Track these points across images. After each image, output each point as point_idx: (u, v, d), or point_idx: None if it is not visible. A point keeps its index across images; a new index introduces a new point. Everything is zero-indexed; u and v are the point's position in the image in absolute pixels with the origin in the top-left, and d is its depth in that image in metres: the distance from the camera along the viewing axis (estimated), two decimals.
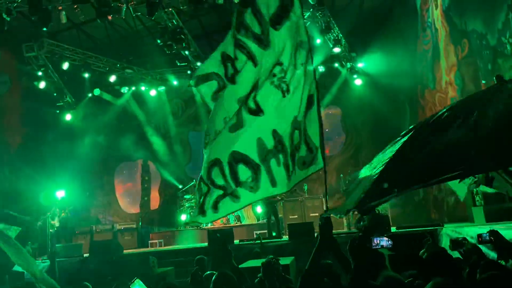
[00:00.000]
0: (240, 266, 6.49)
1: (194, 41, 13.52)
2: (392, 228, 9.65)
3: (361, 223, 9.25)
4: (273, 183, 4.24)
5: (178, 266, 7.91)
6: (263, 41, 4.25)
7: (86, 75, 13.80)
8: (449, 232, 7.94)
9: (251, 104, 4.27)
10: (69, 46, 13.49)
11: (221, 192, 4.32)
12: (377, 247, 3.16)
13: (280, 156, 4.20)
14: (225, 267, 3.87)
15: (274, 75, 4.20)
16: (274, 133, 4.22)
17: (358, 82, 14.73)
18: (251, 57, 4.33)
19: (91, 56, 13.89)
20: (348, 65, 14.63)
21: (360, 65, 14.67)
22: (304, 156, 4.09)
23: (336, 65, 14.80)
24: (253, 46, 4.31)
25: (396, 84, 13.82)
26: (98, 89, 15.22)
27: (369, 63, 14.47)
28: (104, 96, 15.53)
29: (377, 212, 9.37)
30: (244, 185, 4.29)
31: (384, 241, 3.18)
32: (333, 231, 3.35)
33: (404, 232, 8.86)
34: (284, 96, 4.18)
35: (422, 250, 4.60)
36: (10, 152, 13.81)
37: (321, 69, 14.92)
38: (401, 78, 13.60)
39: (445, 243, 7.84)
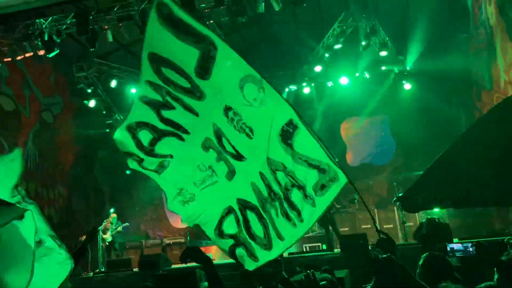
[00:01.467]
0: (293, 278, 6.21)
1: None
2: (454, 239, 8.99)
3: (420, 233, 8.70)
4: (280, 236, 3.80)
5: (225, 279, 7.68)
6: (195, 93, 3.83)
7: (133, 91, 14.09)
8: None
9: (230, 150, 3.94)
10: (116, 65, 13.89)
11: (231, 241, 4.02)
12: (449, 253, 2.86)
13: (277, 204, 3.78)
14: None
15: (232, 119, 3.79)
16: (262, 175, 3.83)
17: (407, 86, 14.10)
18: (187, 108, 3.94)
19: (138, 73, 14.18)
20: (396, 69, 14.06)
21: (408, 68, 14.06)
22: (316, 181, 3.52)
23: (383, 69, 14.24)
24: (185, 99, 3.90)
25: (448, 87, 13.10)
26: None
27: (418, 66, 13.82)
28: None
29: (436, 220, 8.76)
30: (258, 241, 3.91)
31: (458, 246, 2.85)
32: None
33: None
34: (250, 138, 3.75)
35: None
36: (63, 171, 14.30)
37: (367, 75, 14.48)
38: (453, 80, 12.91)
39: None
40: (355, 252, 8.24)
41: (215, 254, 12.56)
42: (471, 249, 2.95)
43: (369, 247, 8.82)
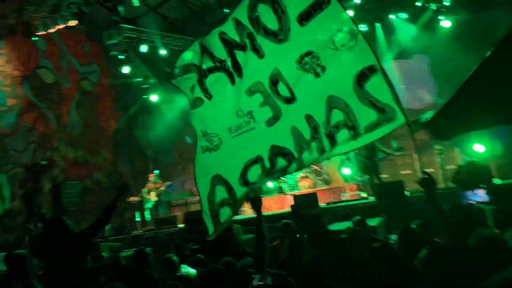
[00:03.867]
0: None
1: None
2: (496, 180, 8.73)
3: (460, 176, 8.49)
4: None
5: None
6: (279, 35, 4.04)
7: (164, 52, 14.20)
8: None
9: (285, 93, 4.12)
10: (146, 29, 13.96)
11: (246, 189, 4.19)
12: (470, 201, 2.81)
13: (313, 144, 4.03)
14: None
15: (306, 64, 4.03)
16: (308, 118, 4.05)
17: (446, 24, 13.28)
18: (256, 50, 4.15)
19: (167, 36, 14.25)
20: (433, 5, 13.20)
21: (447, 4, 13.17)
22: (372, 121, 3.79)
23: (419, 4, 13.40)
24: (262, 41, 4.11)
25: (494, 20, 12.18)
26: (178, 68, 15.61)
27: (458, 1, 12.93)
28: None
29: (476, 162, 8.50)
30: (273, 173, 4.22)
31: (478, 197, 2.80)
32: None
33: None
34: (318, 76, 3.98)
35: None
36: (106, 137, 14.92)
37: (404, 15, 13.76)
38: (499, 11, 11.94)
39: None
40: (391, 200, 8.22)
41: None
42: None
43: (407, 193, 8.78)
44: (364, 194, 10.56)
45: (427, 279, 2.30)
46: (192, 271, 4.08)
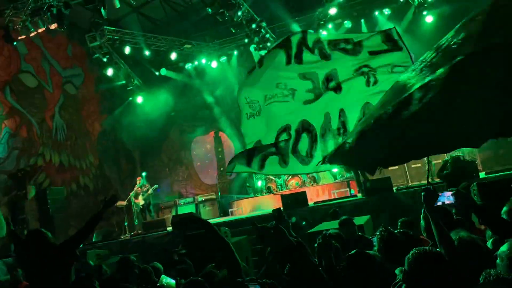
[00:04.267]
0: (312, 229, 6.31)
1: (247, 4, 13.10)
2: (481, 173, 8.80)
3: (444, 171, 8.53)
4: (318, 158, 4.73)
5: (253, 233, 7.90)
6: (348, 52, 4.91)
7: (147, 53, 14.07)
8: None
9: (333, 85, 4.84)
10: (129, 30, 13.80)
11: (273, 149, 4.85)
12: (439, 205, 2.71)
13: (339, 139, 4.56)
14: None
15: (359, 71, 4.79)
16: (341, 112, 4.68)
17: (429, 19, 13.37)
18: (323, 54, 5.00)
19: (150, 37, 14.12)
20: (416, 1, 13.28)
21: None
22: None
23: (401, 5, 13.51)
24: (331, 51, 4.99)
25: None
26: (164, 68, 15.51)
27: None
28: (169, 74, 15.80)
29: (461, 158, 8.55)
30: (297, 155, 4.76)
31: (446, 198, 2.72)
32: (415, 183, 3.03)
33: (495, 178, 8.00)
34: (367, 85, 4.64)
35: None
36: (91, 141, 14.72)
37: (386, 11, 13.84)
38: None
39: None
40: (379, 196, 8.23)
41: (247, 207, 12.92)
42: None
43: (394, 189, 8.80)
44: (352, 192, 10.59)
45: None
46: (171, 282, 4.00)
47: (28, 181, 11.47)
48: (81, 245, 9.46)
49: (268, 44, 13.24)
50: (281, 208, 6.64)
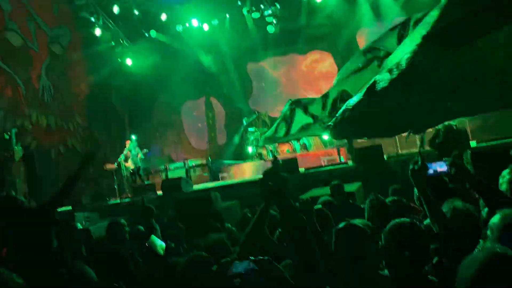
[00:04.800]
0: (303, 195, 6.32)
1: None
2: (472, 142, 8.82)
3: (437, 140, 8.52)
4: None
5: (244, 198, 7.91)
6: None
7: (137, 13, 13.62)
8: None
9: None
10: None
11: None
12: (432, 174, 2.65)
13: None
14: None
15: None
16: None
17: None
18: None
19: None
20: None
21: None
22: None
23: None
24: None
25: None
26: (154, 30, 15.07)
27: None
28: (159, 37, 15.37)
29: (454, 127, 8.53)
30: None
31: (439, 166, 2.66)
32: (405, 151, 2.96)
33: (486, 148, 8.03)
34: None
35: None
36: (79, 102, 14.42)
37: None
38: None
39: None
40: (370, 164, 8.24)
41: (237, 172, 12.93)
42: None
43: (384, 157, 8.81)
44: (342, 159, 10.60)
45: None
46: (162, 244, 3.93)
47: (15, 142, 11.27)
48: (69, 207, 9.45)
49: (262, 6, 12.87)
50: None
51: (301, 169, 9.55)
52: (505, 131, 10.87)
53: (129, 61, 15.23)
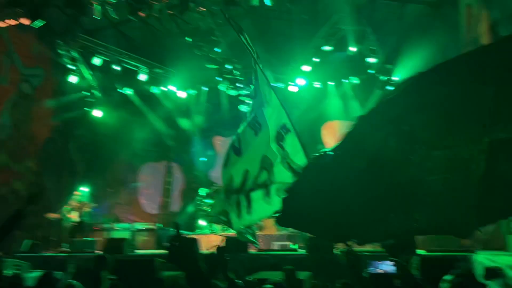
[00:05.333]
0: (251, 277, 6.14)
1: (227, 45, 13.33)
2: (420, 250, 9.02)
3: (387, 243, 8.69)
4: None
5: None
6: None
7: (118, 69, 13.82)
8: (483, 260, 7.30)
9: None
10: (103, 43, 13.60)
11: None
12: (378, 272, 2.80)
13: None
14: None
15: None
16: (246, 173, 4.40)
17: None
18: None
19: (123, 54, 13.95)
20: (383, 78, 14.08)
21: (396, 78, 14.08)
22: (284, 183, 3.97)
23: (371, 76, 14.29)
24: None
25: None
26: (128, 88, 15.24)
27: (405, 75, 13.87)
28: (132, 96, 15.52)
29: None
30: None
31: (386, 266, 2.80)
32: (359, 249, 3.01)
33: (432, 256, 8.24)
34: (256, 135, 4.42)
35: (454, 275, 4.02)
36: (35, 145, 13.91)
37: (355, 81, 14.56)
38: None
39: (478, 272, 7.22)
40: (321, 254, 8.21)
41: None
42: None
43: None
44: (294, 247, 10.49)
45: None
46: None
47: None
48: None
49: (240, 85, 13.42)
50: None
51: (251, 251, 9.37)
52: (449, 245, 11.26)
53: (97, 112, 15.07)
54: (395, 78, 14.01)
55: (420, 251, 8.96)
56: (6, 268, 6.63)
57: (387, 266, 2.68)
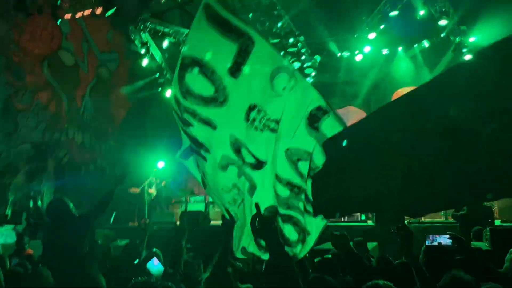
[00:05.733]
0: (317, 247, 6.30)
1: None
2: (496, 221, 8.66)
3: (460, 212, 8.41)
4: (307, 231, 3.63)
5: None
6: (218, 98, 3.67)
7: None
8: None
9: (250, 159, 3.75)
10: (170, 24, 14.09)
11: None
12: (434, 243, 2.79)
13: (302, 196, 3.48)
14: None
15: (254, 120, 3.65)
16: (277, 178, 3.60)
17: (468, 58, 13.24)
18: (205, 122, 3.84)
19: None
20: (457, 39, 13.21)
21: (471, 39, 13.14)
22: None
23: (442, 39, 13.46)
24: (203, 110, 3.80)
25: None
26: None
27: (483, 37, 12.88)
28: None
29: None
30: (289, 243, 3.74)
31: (443, 239, 2.77)
32: (428, 219, 3.01)
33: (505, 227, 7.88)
34: (275, 131, 3.59)
35: None
36: (114, 124, 15.00)
37: (426, 44, 13.82)
38: None
39: None
40: (389, 225, 8.15)
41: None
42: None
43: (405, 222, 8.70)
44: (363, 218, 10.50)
45: None
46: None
47: (50, 154, 11.78)
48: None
49: (303, 57, 13.33)
50: None
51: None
52: None
53: (168, 93, 15.78)
54: (471, 39, 13.11)
55: (497, 221, 8.61)
56: (97, 237, 7.41)
57: (444, 239, 2.65)
